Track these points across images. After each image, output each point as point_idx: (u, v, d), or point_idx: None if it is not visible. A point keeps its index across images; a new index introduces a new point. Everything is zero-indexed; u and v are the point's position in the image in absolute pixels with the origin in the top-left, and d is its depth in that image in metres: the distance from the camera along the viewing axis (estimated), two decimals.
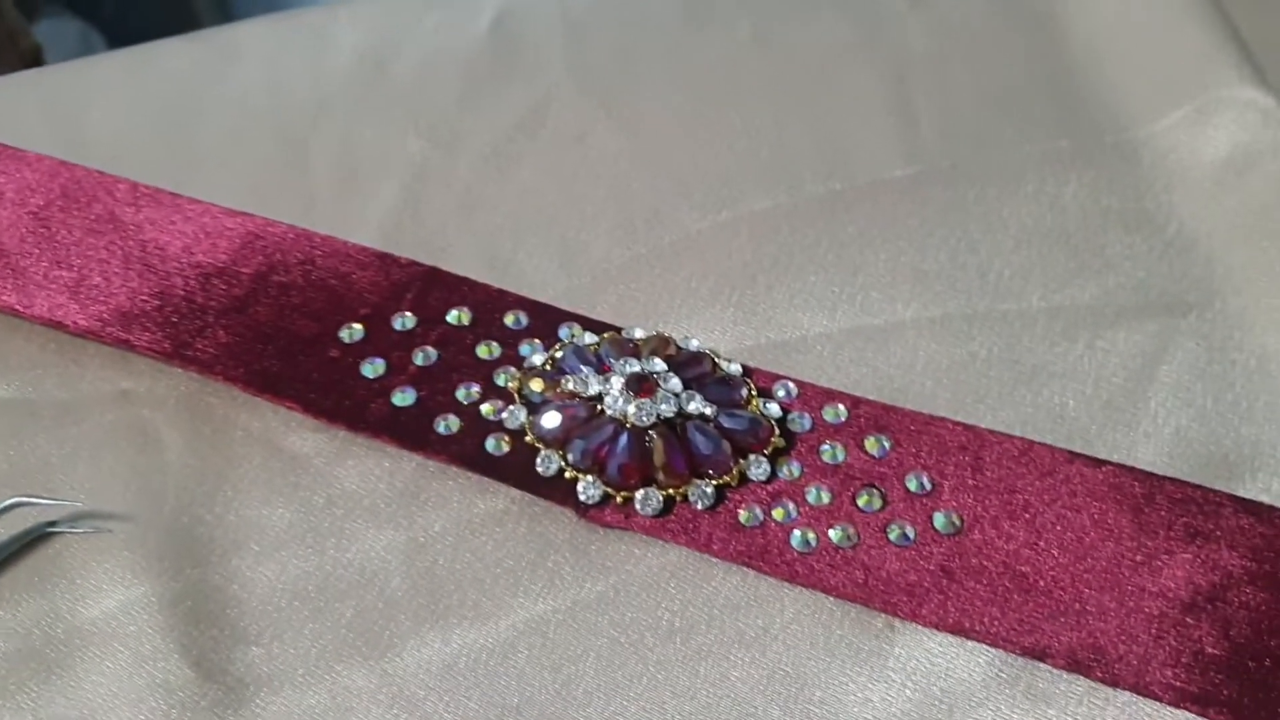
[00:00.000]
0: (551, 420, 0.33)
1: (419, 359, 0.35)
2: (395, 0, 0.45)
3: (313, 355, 0.35)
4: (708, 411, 0.33)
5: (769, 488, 0.33)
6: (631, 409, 0.32)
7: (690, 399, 0.33)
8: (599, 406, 0.33)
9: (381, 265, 0.37)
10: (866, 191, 0.39)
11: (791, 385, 0.34)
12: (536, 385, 0.33)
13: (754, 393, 0.34)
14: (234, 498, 0.34)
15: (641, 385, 0.33)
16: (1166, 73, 0.39)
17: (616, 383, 0.33)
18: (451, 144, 0.41)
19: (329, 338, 0.36)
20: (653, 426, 0.32)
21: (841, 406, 0.34)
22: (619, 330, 0.35)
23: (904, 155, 0.39)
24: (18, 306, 0.36)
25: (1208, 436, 0.33)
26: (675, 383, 0.33)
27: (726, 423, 0.33)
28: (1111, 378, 0.35)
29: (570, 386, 0.33)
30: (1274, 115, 0.37)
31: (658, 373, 0.33)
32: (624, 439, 0.32)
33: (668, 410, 0.32)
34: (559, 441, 0.33)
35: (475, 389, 0.34)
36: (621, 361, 0.33)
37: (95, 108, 0.42)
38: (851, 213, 0.38)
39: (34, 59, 0.88)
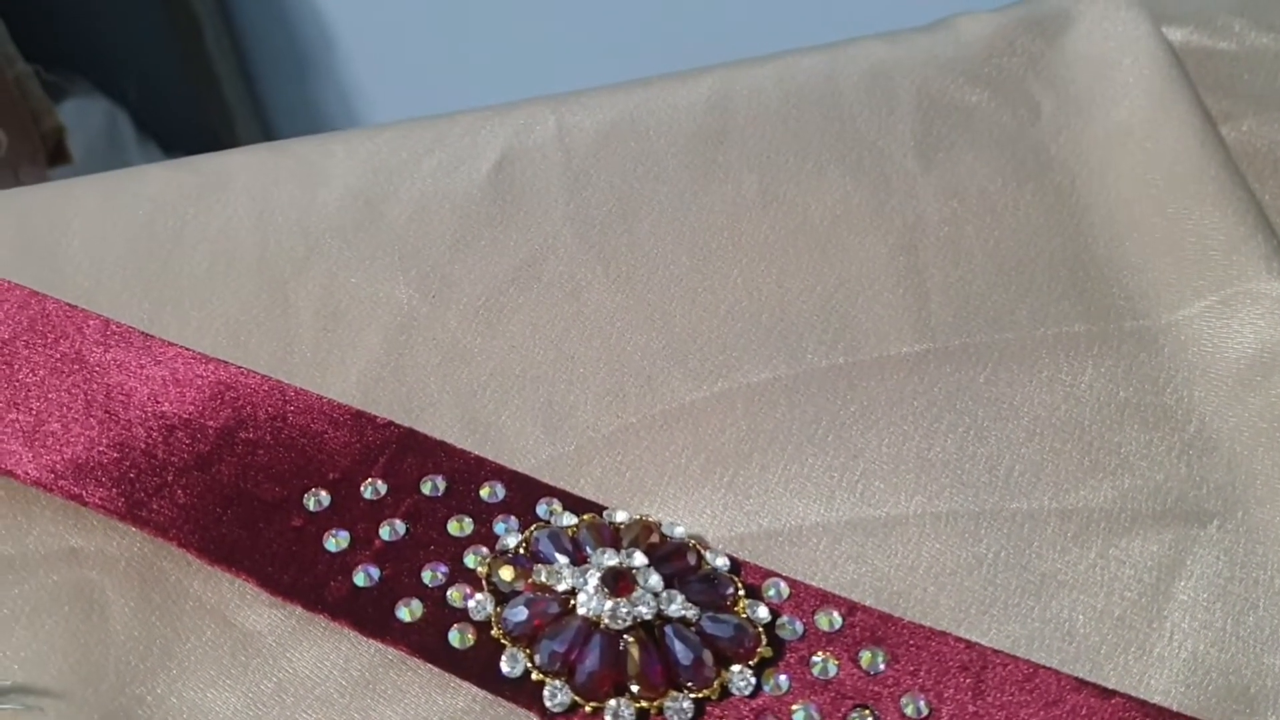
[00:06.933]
0: (519, 615, 0.30)
1: (385, 533, 0.33)
2: (395, 137, 0.44)
3: (274, 523, 0.33)
4: (689, 615, 0.30)
5: (753, 703, 0.30)
6: (606, 609, 0.30)
7: (671, 599, 0.30)
8: (571, 603, 0.30)
9: (356, 425, 0.35)
10: (872, 367, 0.37)
11: (783, 585, 0.32)
12: (507, 574, 0.31)
13: (741, 592, 0.31)
14: (178, 676, 0.32)
15: (619, 582, 0.30)
16: (1190, 258, 0.38)
17: (592, 578, 0.30)
18: (441, 293, 0.39)
19: (293, 504, 0.34)
20: (628, 629, 0.30)
21: (836, 613, 0.31)
22: (600, 510, 0.33)
23: (913, 330, 0.37)
24: None
25: (1227, 664, 0.31)
26: (655, 580, 0.31)
27: (710, 628, 0.30)
28: (1125, 591, 0.32)
29: (543, 578, 0.31)
30: None
31: (637, 568, 0.31)
32: (596, 643, 0.30)
33: (646, 612, 0.30)
34: (527, 639, 0.30)
35: (443, 571, 0.32)
36: (599, 552, 0.31)
37: (74, 234, 0.41)
38: (855, 390, 0.36)
39: (57, 141, 0.87)
